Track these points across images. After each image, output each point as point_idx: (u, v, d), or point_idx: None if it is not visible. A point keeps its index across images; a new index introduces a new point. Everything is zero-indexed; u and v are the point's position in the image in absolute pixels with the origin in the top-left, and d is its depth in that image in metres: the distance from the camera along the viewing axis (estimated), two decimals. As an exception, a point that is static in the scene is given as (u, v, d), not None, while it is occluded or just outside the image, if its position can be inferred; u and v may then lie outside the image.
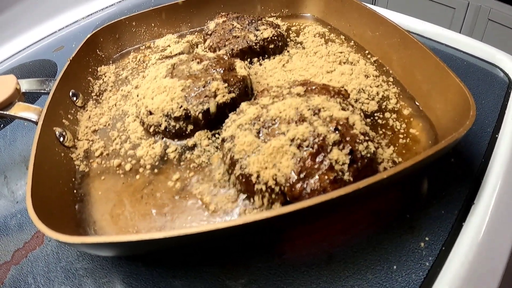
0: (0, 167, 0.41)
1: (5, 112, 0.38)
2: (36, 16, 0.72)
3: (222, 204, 0.31)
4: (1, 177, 0.40)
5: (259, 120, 0.32)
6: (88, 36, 0.48)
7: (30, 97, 0.51)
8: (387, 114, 0.38)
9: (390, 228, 0.30)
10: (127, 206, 0.32)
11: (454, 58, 0.48)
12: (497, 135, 0.37)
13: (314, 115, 0.32)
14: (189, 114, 0.35)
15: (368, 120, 0.38)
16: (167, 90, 0.36)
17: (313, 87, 0.36)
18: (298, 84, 0.36)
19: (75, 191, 0.33)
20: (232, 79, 0.37)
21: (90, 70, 0.46)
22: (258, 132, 0.31)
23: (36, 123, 0.36)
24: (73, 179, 0.35)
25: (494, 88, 0.43)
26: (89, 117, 0.41)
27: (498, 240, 0.29)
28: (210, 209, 0.31)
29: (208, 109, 0.35)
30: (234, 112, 0.34)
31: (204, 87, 0.36)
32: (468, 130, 0.28)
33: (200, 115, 0.35)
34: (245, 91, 0.38)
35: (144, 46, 0.51)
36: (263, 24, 0.46)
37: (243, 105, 0.34)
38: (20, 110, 0.38)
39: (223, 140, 0.32)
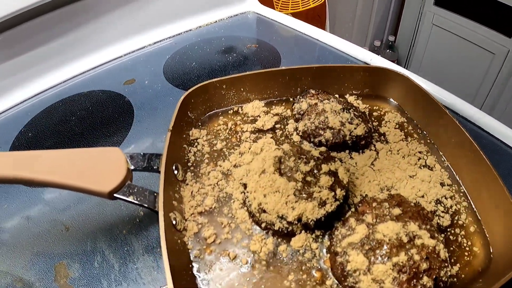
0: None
1: (123, 197, 0.44)
2: (107, 36, 0.80)
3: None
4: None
5: (368, 239, 0.44)
6: (182, 98, 0.57)
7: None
8: (457, 230, 0.51)
9: None
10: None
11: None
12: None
13: (409, 241, 0.45)
14: (301, 219, 0.47)
15: (442, 236, 0.51)
16: (280, 191, 0.48)
17: (408, 209, 0.48)
18: (395, 203, 0.48)
19: (197, 279, 0.44)
20: (337, 187, 0.49)
21: (184, 136, 0.56)
22: (367, 252, 0.44)
23: (156, 212, 0.44)
24: (191, 266, 0.45)
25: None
26: (192, 194, 0.51)
27: None
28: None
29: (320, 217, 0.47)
30: (341, 224, 0.47)
31: (315, 194, 0.47)
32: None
33: (312, 222, 0.47)
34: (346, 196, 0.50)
35: (232, 110, 0.61)
36: (356, 117, 0.57)
37: (352, 222, 0.46)
38: (139, 195, 0.45)
39: (336, 254, 0.45)
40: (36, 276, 0.48)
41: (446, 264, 0.44)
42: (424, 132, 0.62)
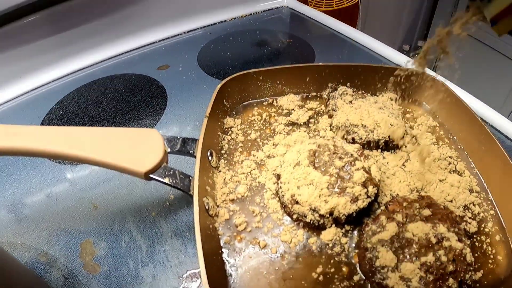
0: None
1: (158, 178, 0.46)
2: (144, 22, 0.83)
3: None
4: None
5: (398, 237, 0.46)
6: (219, 86, 0.59)
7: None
8: (483, 237, 0.53)
9: None
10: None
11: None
12: None
13: (438, 242, 0.47)
14: (333, 213, 0.49)
15: (468, 241, 0.53)
16: (314, 184, 0.50)
17: (437, 211, 0.50)
18: (425, 204, 0.50)
19: (226, 265, 0.47)
20: (370, 185, 0.51)
21: (219, 123, 0.58)
22: (396, 250, 0.46)
23: (191, 195, 0.46)
24: (220, 251, 0.48)
25: None
26: (224, 181, 0.54)
27: None
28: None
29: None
30: (372, 220, 0.49)
31: (348, 190, 0.50)
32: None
33: (343, 217, 0.49)
34: (377, 194, 0.52)
35: (267, 102, 0.64)
36: (390, 117, 0.59)
37: (383, 219, 0.48)
38: (174, 178, 0.46)
39: (366, 249, 0.47)
40: (61, 252, 0.51)
41: (471, 268, 0.46)
42: (455, 138, 0.63)
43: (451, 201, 0.55)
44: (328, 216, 0.49)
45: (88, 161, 0.47)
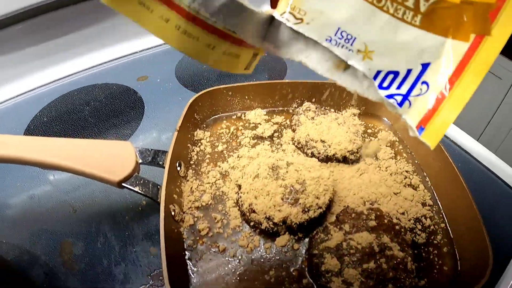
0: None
1: (130, 187, 0.52)
2: (126, 32, 0.89)
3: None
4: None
5: (342, 247, 0.53)
6: (191, 100, 0.65)
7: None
8: (431, 249, 0.57)
9: None
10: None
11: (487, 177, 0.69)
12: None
13: (380, 251, 0.53)
14: (286, 221, 0.55)
15: (416, 251, 0.58)
16: (270, 195, 0.55)
17: (383, 222, 0.56)
18: (373, 217, 0.56)
19: (189, 266, 0.53)
20: (322, 196, 0.57)
21: (189, 135, 0.64)
22: (341, 257, 0.52)
23: (158, 202, 0.52)
24: (184, 253, 0.54)
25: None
26: (191, 190, 0.60)
27: None
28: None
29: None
30: (322, 229, 0.55)
31: (300, 200, 0.56)
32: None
33: (295, 225, 0.55)
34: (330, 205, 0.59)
35: (235, 116, 0.70)
36: (348, 133, 0.65)
37: (331, 228, 0.54)
38: (144, 186, 0.53)
39: (313, 255, 0.53)
40: (43, 250, 0.56)
41: (412, 276, 0.52)
42: (413, 153, 0.70)
43: (403, 213, 0.60)
44: (281, 224, 0.55)
45: (67, 169, 0.53)
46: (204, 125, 0.68)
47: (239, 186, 0.59)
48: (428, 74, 0.29)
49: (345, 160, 0.65)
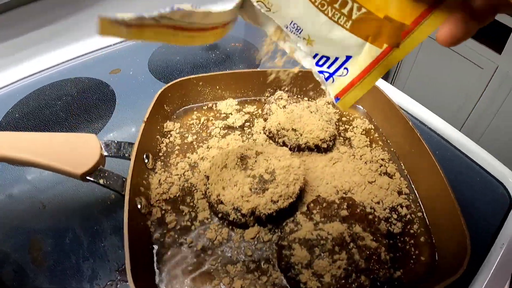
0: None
1: (93, 180, 0.51)
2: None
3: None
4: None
5: (312, 237, 0.51)
6: (159, 92, 0.63)
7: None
8: (407, 238, 0.56)
9: None
10: (197, 282, 0.50)
11: (466, 165, 0.68)
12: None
13: (352, 242, 0.51)
14: (254, 212, 0.54)
15: (386, 241, 0.57)
16: (238, 185, 0.54)
17: (356, 211, 0.55)
18: (345, 207, 0.55)
19: (155, 260, 0.52)
20: (292, 185, 0.56)
21: (158, 127, 0.63)
22: (310, 248, 0.51)
23: (122, 195, 0.51)
24: (151, 247, 0.52)
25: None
26: (159, 182, 0.58)
27: None
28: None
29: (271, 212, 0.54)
30: (292, 220, 0.53)
31: (269, 190, 0.54)
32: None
33: (264, 216, 0.54)
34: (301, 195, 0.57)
35: (206, 107, 0.68)
36: (321, 121, 0.64)
37: (301, 218, 0.53)
38: (109, 179, 0.52)
39: (282, 247, 0.52)
40: (12, 248, 0.55)
41: (386, 267, 0.51)
42: (388, 141, 0.68)
43: (378, 202, 0.59)
44: (250, 215, 0.54)
45: (29, 163, 0.52)
46: (174, 116, 0.67)
47: (208, 177, 0.58)
48: (349, 63, 0.38)
49: (318, 148, 0.64)
